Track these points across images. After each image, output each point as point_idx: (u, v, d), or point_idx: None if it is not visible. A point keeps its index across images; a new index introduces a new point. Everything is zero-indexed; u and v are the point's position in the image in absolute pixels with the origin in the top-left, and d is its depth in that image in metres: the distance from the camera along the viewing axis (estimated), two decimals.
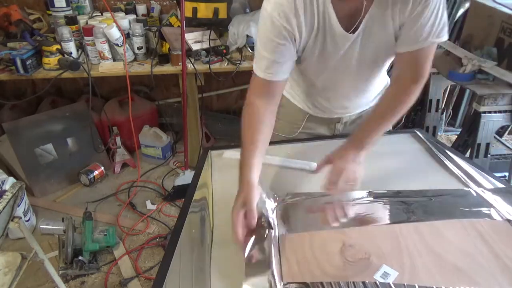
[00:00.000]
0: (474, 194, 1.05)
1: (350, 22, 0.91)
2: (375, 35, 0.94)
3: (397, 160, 1.23)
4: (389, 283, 0.79)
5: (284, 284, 0.78)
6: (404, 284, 0.78)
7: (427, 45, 0.91)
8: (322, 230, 0.94)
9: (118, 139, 2.55)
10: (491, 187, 1.09)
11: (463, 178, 1.13)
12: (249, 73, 1.28)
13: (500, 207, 0.99)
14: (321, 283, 0.78)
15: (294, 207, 1.02)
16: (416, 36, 0.90)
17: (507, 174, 2.09)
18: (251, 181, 0.90)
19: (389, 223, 0.95)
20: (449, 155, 1.24)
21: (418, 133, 1.40)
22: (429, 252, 0.87)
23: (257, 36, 0.97)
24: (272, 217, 0.94)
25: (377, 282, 0.79)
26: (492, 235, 0.91)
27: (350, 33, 0.93)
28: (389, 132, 1.36)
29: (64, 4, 2.22)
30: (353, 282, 0.78)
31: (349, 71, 1.08)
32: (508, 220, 0.96)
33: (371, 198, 1.03)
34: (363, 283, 0.78)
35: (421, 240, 0.90)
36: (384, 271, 0.82)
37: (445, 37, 0.91)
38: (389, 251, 0.85)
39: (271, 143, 1.35)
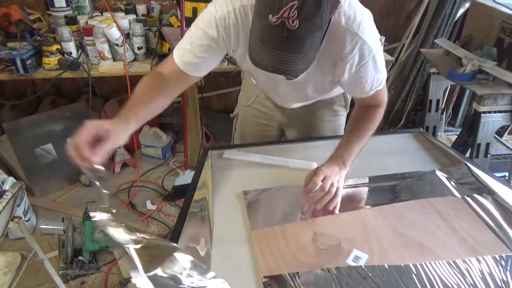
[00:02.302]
0: (438, 174, 1.14)
1: None
2: (308, 81, 1.05)
3: (397, 159, 1.23)
4: (361, 266, 0.83)
5: (263, 278, 0.80)
6: (374, 265, 0.83)
7: (372, 94, 1.02)
8: (293, 222, 0.99)
9: None
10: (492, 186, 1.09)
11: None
12: None
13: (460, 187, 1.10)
14: (297, 273, 0.81)
15: (261, 202, 1.04)
16: (361, 90, 1.01)
17: (507, 174, 2.09)
18: (124, 116, 0.87)
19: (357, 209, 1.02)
20: (451, 155, 1.25)
21: (420, 134, 1.40)
22: (394, 233, 0.94)
23: (192, 27, 0.96)
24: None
25: (350, 266, 0.83)
26: (449, 212, 1.00)
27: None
28: (390, 132, 1.36)
29: (64, 4, 2.22)
30: (328, 269, 0.82)
31: (286, 92, 1.16)
32: (463, 198, 1.04)
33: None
34: (337, 268, 0.82)
35: (386, 223, 0.97)
36: (355, 255, 0.87)
37: (382, 85, 1.02)
38: (358, 236, 0.91)
39: (271, 143, 1.36)
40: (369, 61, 0.92)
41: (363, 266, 0.84)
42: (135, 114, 0.89)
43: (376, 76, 0.97)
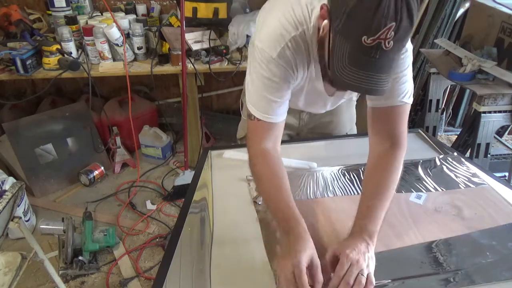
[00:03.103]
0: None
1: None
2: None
3: None
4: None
5: None
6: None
7: (398, 104, 0.93)
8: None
9: (118, 139, 2.55)
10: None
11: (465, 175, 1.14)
12: None
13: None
14: None
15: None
16: (389, 93, 0.88)
17: (507, 174, 2.09)
18: (307, 235, 0.80)
19: None
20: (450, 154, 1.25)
21: (421, 132, 1.40)
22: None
23: (252, 79, 0.94)
24: None
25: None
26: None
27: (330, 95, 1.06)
28: None
29: (64, 4, 2.22)
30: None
31: (321, 103, 1.18)
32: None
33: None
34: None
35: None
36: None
37: (411, 101, 0.95)
38: None
39: None
40: (408, 57, 0.91)
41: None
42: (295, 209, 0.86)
43: (406, 84, 0.92)
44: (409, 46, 0.88)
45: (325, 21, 0.77)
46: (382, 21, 0.65)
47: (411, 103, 0.96)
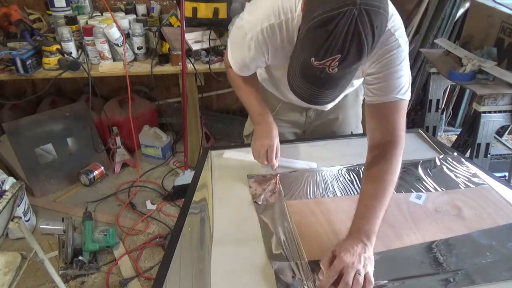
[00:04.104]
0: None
1: None
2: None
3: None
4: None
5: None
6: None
7: (393, 100, 0.92)
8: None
9: (118, 139, 2.55)
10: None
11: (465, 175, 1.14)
12: None
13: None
14: None
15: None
16: (383, 89, 0.91)
17: (507, 174, 2.09)
18: (274, 125, 1.12)
19: None
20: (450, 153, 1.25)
21: (421, 132, 1.40)
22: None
23: (232, 40, 1.07)
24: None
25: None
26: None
27: None
28: None
29: (64, 4, 2.22)
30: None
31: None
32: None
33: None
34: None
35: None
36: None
37: (408, 96, 0.94)
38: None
39: None
40: (403, 52, 0.89)
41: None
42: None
43: (402, 80, 0.91)
44: (402, 40, 0.88)
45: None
46: (328, 51, 0.69)
47: (408, 99, 0.94)
